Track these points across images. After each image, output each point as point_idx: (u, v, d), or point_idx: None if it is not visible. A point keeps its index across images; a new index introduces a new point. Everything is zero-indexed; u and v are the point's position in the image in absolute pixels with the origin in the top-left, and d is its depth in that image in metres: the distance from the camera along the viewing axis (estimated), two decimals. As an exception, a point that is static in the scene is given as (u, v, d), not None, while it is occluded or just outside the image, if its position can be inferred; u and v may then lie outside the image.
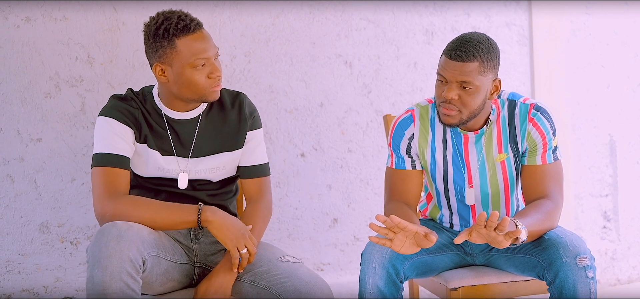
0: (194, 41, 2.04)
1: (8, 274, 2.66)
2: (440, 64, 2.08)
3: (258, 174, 2.23)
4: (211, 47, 2.07)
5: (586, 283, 2.02)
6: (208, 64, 2.07)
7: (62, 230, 2.70)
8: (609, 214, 3.31)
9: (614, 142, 3.30)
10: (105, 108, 2.13)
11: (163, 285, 2.06)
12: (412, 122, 2.23)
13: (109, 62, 2.71)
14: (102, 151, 2.07)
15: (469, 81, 2.04)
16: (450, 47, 2.06)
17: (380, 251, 2.10)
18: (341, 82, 2.96)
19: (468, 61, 2.03)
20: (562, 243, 2.06)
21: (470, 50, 2.03)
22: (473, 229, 1.92)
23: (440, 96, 2.09)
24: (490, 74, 2.08)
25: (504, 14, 3.12)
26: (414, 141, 2.23)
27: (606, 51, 3.28)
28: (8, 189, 2.64)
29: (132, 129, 2.11)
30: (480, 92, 2.07)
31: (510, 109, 2.18)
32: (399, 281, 2.10)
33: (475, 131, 2.19)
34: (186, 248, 2.16)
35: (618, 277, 3.33)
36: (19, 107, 2.64)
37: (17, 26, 2.63)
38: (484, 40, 2.06)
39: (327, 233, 2.97)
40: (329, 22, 2.94)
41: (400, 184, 2.23)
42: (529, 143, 2.17)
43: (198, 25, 2.07)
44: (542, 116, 2.16)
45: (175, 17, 2.05)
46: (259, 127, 2.24)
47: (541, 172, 2.16)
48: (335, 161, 2.97)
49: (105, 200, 2.02)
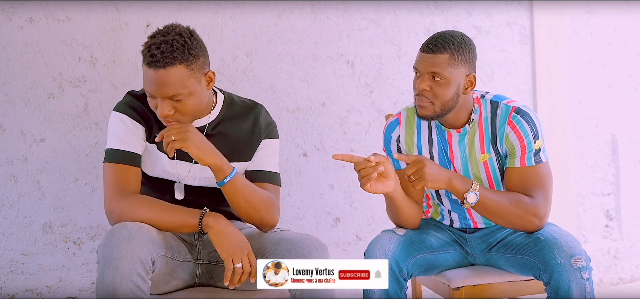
0: (146, 73, 1.97)
1: (12, 274, 2.66)
2: (415, 59, 2.17)
3: (266, 180, 2.19)
4: (157, 87, 1.95)
5: (581, 284, 2.02)
6: (155, 100, 2.01)
7: (66, 230, 2.70)
8: (611, 213, 3.31)
9: (615, 140, 3.30)
10: (120, 103, 2.12)
11: (168, 284, 2.07)
12: (397, 125, 2.30)
13: (111, 63, 2.72)
14: (114, 147, 2.07)
15: (438, 72, 2.11)
16: (424, 42, 2.15)
17: (382, 249, 2.11)
18: (343, 82, 2.97)
19: (438, 53, 2.11)
20: (557, 244, 2.07)
21: (441, 42, 2.11)
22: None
23: (415, 89, 2.16)
24: (462, 68, 2.13)
25: (505, 13, 3.13)
26: (401, 142, 2.29)
27: (607, 50, 3.28)
28: (11, 189, 2.65)
29: (144, 127, 2.10)
30: (452, 85, 2.12)
31: (493, 110, 2.21)
32: (402, 279, 2.11)
33: (458, 129, 2.22)
34: (190, 245, 2.17)
35: (621, 276, 3.33)
36: (23, 108, 2.65)
37: (21, 27, 2.64)
38: (457, 36, 2.14)
39: (329, 232, 2.97)
40: (330, 22, 2.94)
41: (402, 181, 2.25)
42: (507, 146, 2.19)
43: (155, 64, 1.94)
44: (523, 119, 2.17)
45: (150, 43, 1.97)
46: (275, 137, 2.21)
47: (519, 174, 2.17)
48: (337, 161, 2.98)
49: (114, 198, 2.02)
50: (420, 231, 2.26)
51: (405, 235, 2.19)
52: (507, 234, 2.27)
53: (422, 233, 2.25)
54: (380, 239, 2.17)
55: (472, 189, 2.12)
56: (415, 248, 2.18)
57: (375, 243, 2.15)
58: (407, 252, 2.15)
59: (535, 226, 2.15)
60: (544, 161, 2.19)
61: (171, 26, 2.00)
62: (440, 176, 2.12)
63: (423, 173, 2.09)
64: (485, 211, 2.15)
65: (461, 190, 2.13)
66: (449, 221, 2.35)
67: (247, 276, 1.99)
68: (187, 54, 1.96)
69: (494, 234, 2.30)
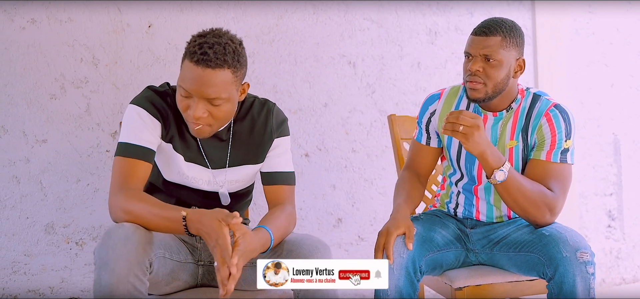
0: (188, 69, 1.95)
1: (14, 275, 2.66)
2: (467, 44, 2.21)
3: (280, 181, 2.17)
4: (199, 85, 1.95)
5: (586, 278, 2.03)
6: (190, 99, 1.98)
7: (68, 231, 2.70)
8: (613, 213, 3.31)
9: (618, 140, 3.30)
10: (138, 97, 2.08)
11: (169, 285, 2.07)
12: (437, 98, 2.36)
13: (113, 64, 2.72)
14: (126, 141, 2.04)
15: (491, 54, 2.15)
16: (475, 27, 2.21)
17: (398, 251, 2.11)
18: (345, 83, 2.97)
19: (491, 35, 2.16)
20: (562, 238, 2.08)
21: (493, 26, 2.17)
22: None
23: (466, 71, 2.20)
24: (513, 51, 2.18)
25: (507, 14, 3.13)
26: (435, 116, 2.34)
27: (609, 50, 3.28)
28: (14, 190, 2.65)
29: (161, 124, 2.07)
30: (504, 67, 2.17)
31: (533, 101, 2.25)
32: (416, 280, 2.12)
33: (495, 112, 2.25)
34: (190, 246, 2.17)
35: (623, 276, 3.33)
36: (25, 109, 2.65)
37: (23, 28, 2.64)
38: (508, 20, 2.21)
39: (331, 233, 2.97)
40: (332, 22, 2.94)
41: (416, 155, 2.37)
42: (538, 136, 2.21)
43: (205, 62, 1.93)
44: (560, 115, 2.20)
45: (199, 40, 1.95)
46: (286, 135, 2.19)
47: (543, 167, 2.19)
48: (340, 161, 2.98)
49: (115, 192, 2.00)
50: (428, 229, 2.26)
51: (417, 234, 2.19)
52: (509, 231, 2.28)
53: (430, 230, 2.26)
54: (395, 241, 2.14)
55: (503, 168, 2.12)
56: (426, 248, 2.19)
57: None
58: (421, 251, 2.16)
59: (546, 220, 2.16)
60: (569, 163, 2.21)
61: (222, 30, 2.00)
62: (481, 144, 2.11)
63: (472, 134, 2.08)
64: (506, 193, 2.15)
65: (492, 165, 2.12)
66: (455, 204, 2.36)
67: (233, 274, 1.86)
68: (236, 61, 1.97)
69: (495, 230, 2.30)
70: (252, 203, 2.43)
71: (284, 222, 2.09)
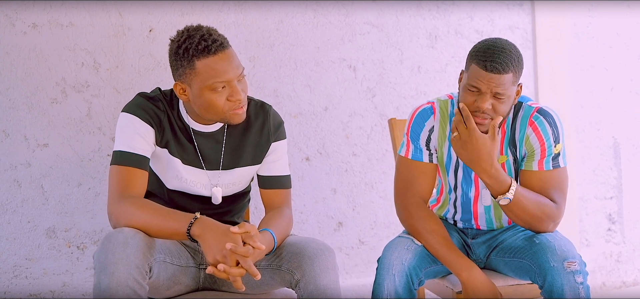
0: (214, 63, 1.97)
1: (15, 279, 2.67)
2: (472, 74, 2.05)
3: (278, 186, 2.18)
4: (232, 69, 1.99)
5: (575, 288, 2.00)
6: (228, 87, 2.00)
7: (69, 235, 2.71)
8: (613, 216, 3.31)
9: (618, 144, 3.30)
10: (129, 104, 2.09)
11: (170, 289, 2.07)
12: (432, 114, 2.21)
13: (114, 68, 2.72)
14: (121, 149, 2.04)
15: (503, 92, 2.04)
16: (484, 58, 2.03)
17: (399, 258, 2.10)
18: (345, 86, 2.97)
19: (504, 73, 2.02)
20: (551, 247, 2.06)
21: (506, 62, 2.02)
22: None
23: (472, 105, 2.06)
24: (518, 81, 2.09)
25: (507, 17, 3.13)
26: (434, 133, 2.21)
27: (609, 53, 3.29)
28: (15, 194, 2.65)
29: (154, 130, 2.07)
30: (511, 99, 2.08)
31: (516, 110, 2.18)
32: (414, 288, 2.11)
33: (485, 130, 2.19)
34: (192, 250, 2.17)
35: (623, 279, 3.33)
36: (26, 113, 2.66)
37: (24, 32, 2.65)
38: (514, 50, 2.06)
39: (332, 237, 2.97)
40: (333, 26, 2.95)
41: (418, 177, 2.20)
42: (527, 148, 2.16)
43: (221, 46, 1.98)
44: (545, 120, 2.14)
45: (197, 36, 1.98)
46: (283, 139, 2.19)
47: (539, 178, 2.15)
48: (340, 165, 2.98)
49: (114, 201, 2.01)
50: None
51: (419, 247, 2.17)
52: (506, 237, 2.27)
53: None
54: (397, 247, 2.14)
55: (507, 195, 2.07)
56: (427, 261, 2.17)
57: (392, 250, 2.12)
58: (421, 264, 2.14)
59: (549, 230, 2.15)
60: (562, 166, 2.16)
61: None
62: (485, 160, 2.05)
63: (478, 146, 2.03)
64: (510, 212, 2.11)
65: (497, 191, 2.07)
66: (453, 211, 2.31)
67: (238, 273, 1.90)
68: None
69: (496, 238, 2.30)
70: (251, 204, 2.44)
71: (284, 225, 2.11)
